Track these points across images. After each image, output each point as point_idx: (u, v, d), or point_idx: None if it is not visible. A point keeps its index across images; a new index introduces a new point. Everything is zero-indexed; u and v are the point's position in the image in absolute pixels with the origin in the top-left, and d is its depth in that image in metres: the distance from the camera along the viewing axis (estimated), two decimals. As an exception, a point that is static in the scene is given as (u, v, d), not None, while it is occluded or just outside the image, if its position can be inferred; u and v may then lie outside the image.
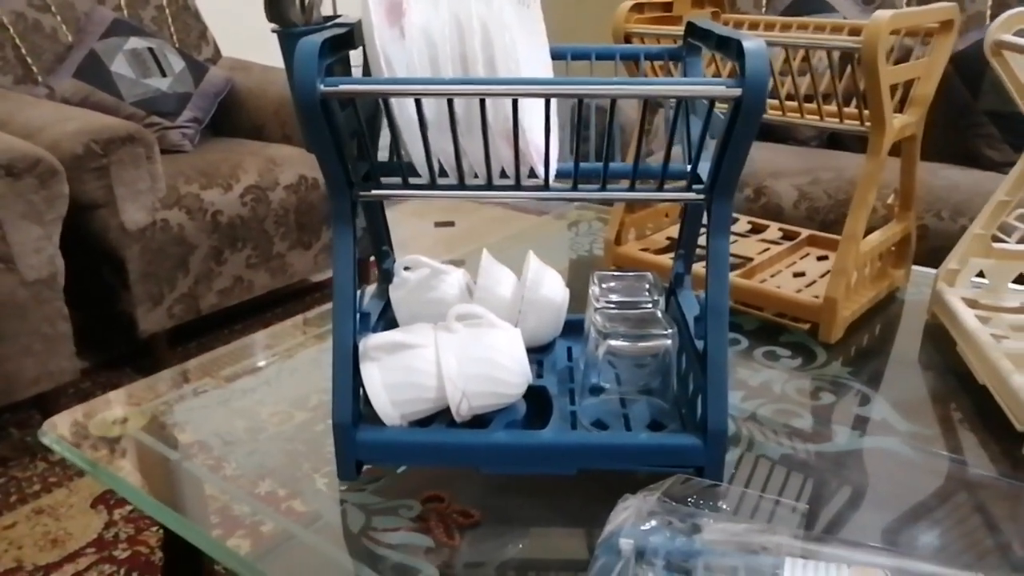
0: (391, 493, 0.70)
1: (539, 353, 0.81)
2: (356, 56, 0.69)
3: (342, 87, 0.59)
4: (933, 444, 0.77)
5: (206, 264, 1.88)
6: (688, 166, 0.68)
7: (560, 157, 0.68)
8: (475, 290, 0.80)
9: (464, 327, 0.70)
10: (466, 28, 0.61)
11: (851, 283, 0.96)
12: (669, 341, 0.70)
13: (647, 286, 0.77)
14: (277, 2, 0.65)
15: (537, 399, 0.74)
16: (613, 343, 0.70)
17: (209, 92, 2.22)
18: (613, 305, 0.74)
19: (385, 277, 0.85)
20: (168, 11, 2.33)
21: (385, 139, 0.72)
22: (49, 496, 1.46)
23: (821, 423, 0.80)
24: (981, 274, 0.99)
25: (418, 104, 0.59)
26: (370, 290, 0.84)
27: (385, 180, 0.68)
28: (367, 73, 0.66)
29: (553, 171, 0.66)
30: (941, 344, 0.95)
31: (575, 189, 0.66)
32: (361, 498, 0.69)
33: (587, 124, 0.65)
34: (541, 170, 0.64)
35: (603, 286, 0.77)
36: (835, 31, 1.03)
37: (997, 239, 0.97)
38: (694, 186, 0.66)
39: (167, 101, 2.10)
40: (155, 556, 1.30)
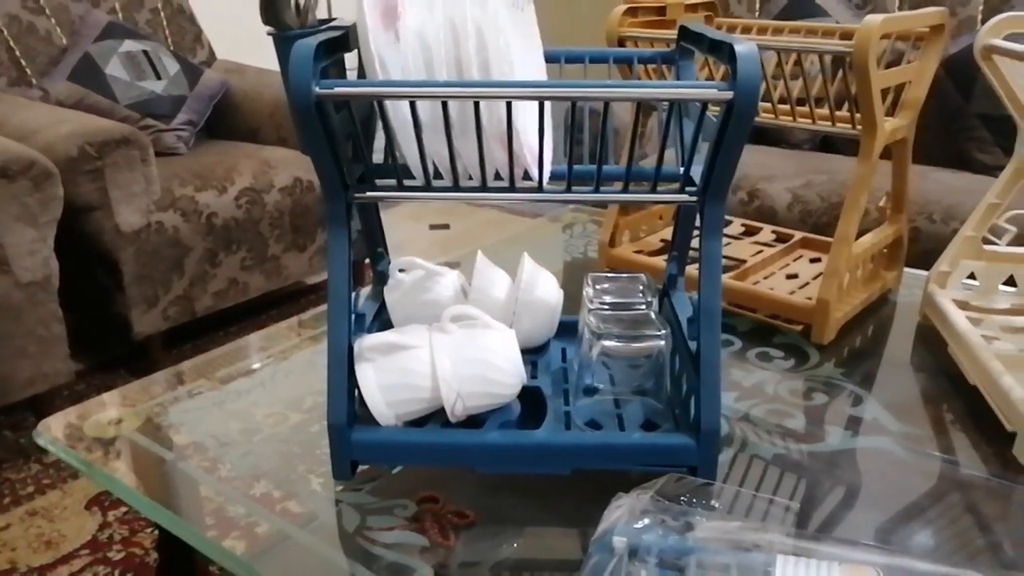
0: (386, 493, 0.70)
1: (533, 354, 0.82)
2: (351, 59, 0.69)
3: (337, 89, 0.59)
4: (925, 444, 0.78)
5: (201, 266, 1.88)
6: (681, 168, 0.68)
7: (554, 160, 0.69)
8: (470, 291, 0.81)
9: (459, 328, 0.70)
10: (461, 32, 0.61)
11: (843, 285, 0.97)
12: (663, 342, 0.70)
13: (641, 287, 0.78)
14: (273, 5, 0.66)
15: (531, 400, 0.74)
16: (607, 344, 0.70)
17: (204, 95, 2.22)
18: (607, 306, 0.74)
19: (380, 279, 0.85)
20: (163, 14, 2.33)
21: (380, 142, 0.73)
22: (43, 498, 1.46)
23: (814, 424, 0.81)
24: (972, 276, 1.00)
25: (412, 106, 0.59)
26: (365, 292, 0.84)
27: (380, 182, 0.69)
28: (362, 76, 0.66)
29: (547, 173, 0.66)
30: (933, 345, 0.95)
31: (569, 191, 0.66)
32: (356, 498, 0.70)
33: (581, 127, 0.65)
34: (535, 172, 0.64)
35: (597, 287, 0.77)
36: (827, 35, 1.04)
37: (988, 241, 0.98)
38: (687, 188, 0.67)
39: (162, 104, 2.10)
40: (149, 557, 1.30)
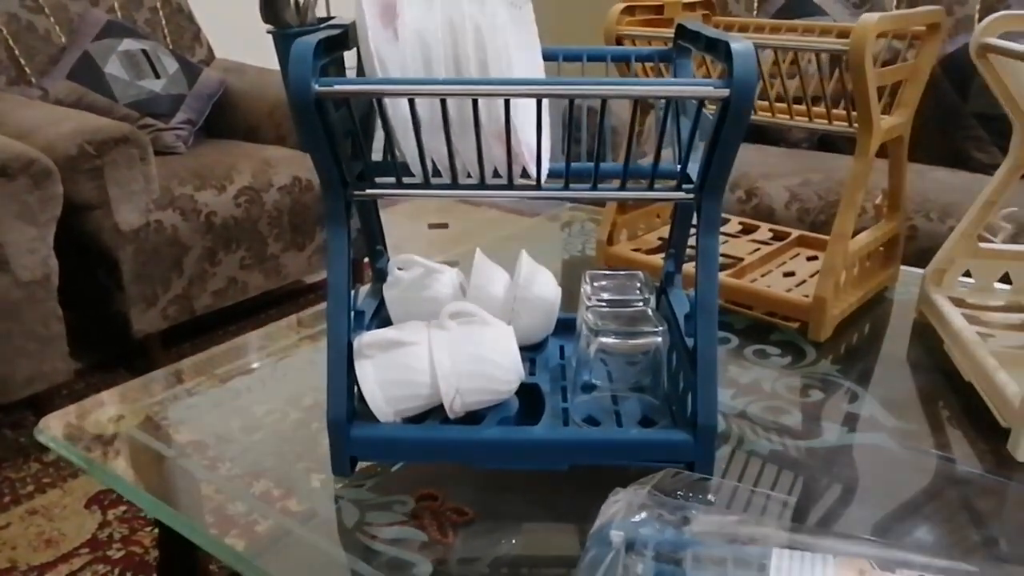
0: (385, 490, 0.70)
1: (532, 351, 0.82)
2: (349, 58, 0.70)
3: (337, 87, 0.59)
4: (920, 440, 0.78)
5: (200, 265, 1.88)
6: (678, 166, 0.68)
7: (552, 157, 0.69)
8: (468, 289, 0.81)
9: (457, 325, 0.71)
10: (459, 30, 0.62)
11: (840, 282, 0.97)
12: (660, 338, 0.71)
13: (638, 285, 0.78)
14: (273, 4, 0.66)
15: (530, 396, 0.74)
16: (605, 340, 0.71)
17: (203, 94, 2.22)
18: (604, 303, 0.75)
19: (379, 276, 0.85)
20: (162, 13, 2.33)
21: (379, 140, 0.73)
22: (43, 497, 1.46)
23: (810, 420, 0.81)
24: (968, 273, 1.01)
25: (411, 104, 0.60)
26: (364, 290, 0.85)
27: (379, 180, 0.69)
28: (361, 74, 0.67)
29: (545, 171, 0.66)
30: (929, 342, 0.96)
31: (567, 188, 0.67)
32: (355, 494, 0.70)
33: (579, 125, 0.66)
34: (533, 170, 0.65)
35: (595, 284, 0.78)
36: (824, 34, 1.04)
37: (983, 239, 0.99)
38: (684, 186, 0.67)
39: (161, 103, 2.10)
40: (149, 556, 1.30)
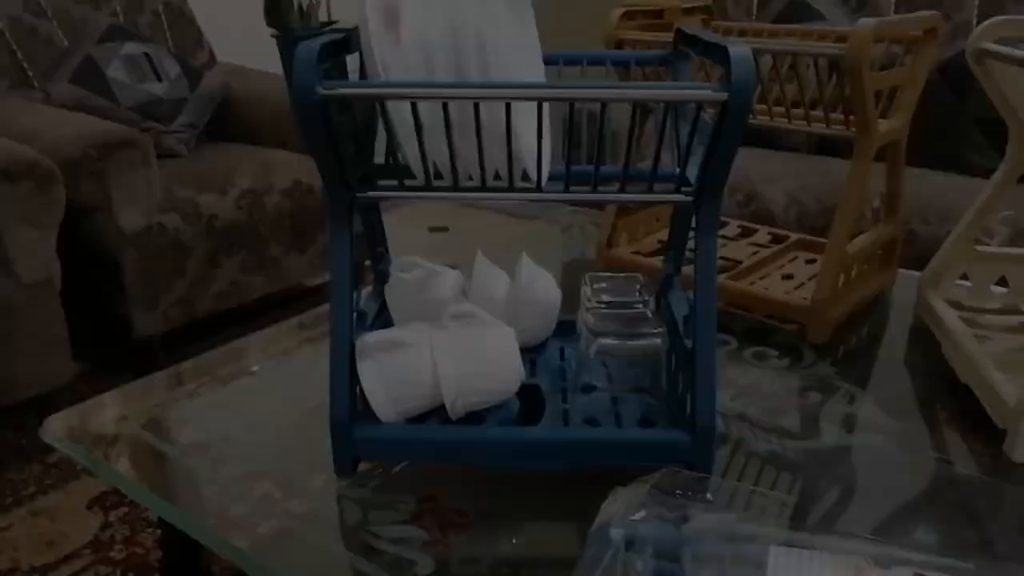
0: (387, 490, 0.71)
1: (532, 353, 0.83)
2: (350, 62, 0.70)
3: (340, 90, 0.60)
4: (918, 442, 0.79)
5: (202, 268, 1.89)
6: (677, 169, 0.69)
7: (553, 161, 0.70)
8: (469, 291, 0.82)
9: (459, 326, 0.71)
10: (461, 34, 0.62)
11: (838, 285, 0.98)
12: (659, 340, 0.71)
13: (638, 287, 0.78)
14: (277, 7, 0.67)
15: (530, 397, 0.75)
16: (604, 342, 0.71)
17: (205, 97, 2.23)
18: (604, 305, 0.75)
19: (381, 278, 0.86)
20: (164, 17, 2.34)
21: (382, 143, 0.74)
22: (45, 498, 1.46)
23: (809, 422, 0.82)
24: (965, 277, 1.01)
25: (413, 107, 0.60)
26: (366, 292, 0.85)
27: (381, 182, 0.70)
28: (363, 77, 0.67)
29: (546, 174, 0.67)
30: (926, 345, 0.96)
31: (567, 191, 0.67)
32: (358, 494, 0.70)
33: (579, 129, 0.66)
34: (534, 173, 0.66)
35: (594, 287, 0.78)
36: (822, 38, 1.05)
37: (980, 242, 0.99)
38: (683, 188, 0.68)
39: (163, 106, 2.11)
40: (151, 557, 1.31)
